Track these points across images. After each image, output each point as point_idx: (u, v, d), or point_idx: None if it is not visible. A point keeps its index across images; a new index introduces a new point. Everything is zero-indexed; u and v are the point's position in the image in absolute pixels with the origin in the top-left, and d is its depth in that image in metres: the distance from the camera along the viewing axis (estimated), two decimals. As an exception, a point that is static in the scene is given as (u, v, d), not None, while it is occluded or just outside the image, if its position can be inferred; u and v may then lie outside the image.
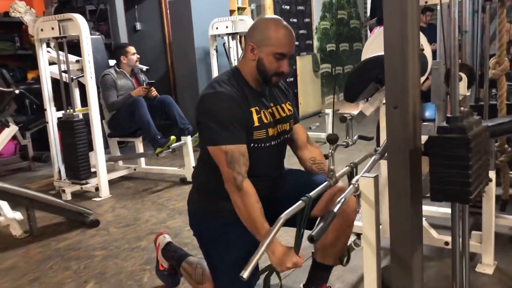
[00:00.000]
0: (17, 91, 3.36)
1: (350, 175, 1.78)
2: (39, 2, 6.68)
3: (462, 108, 1.39)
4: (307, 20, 7.74)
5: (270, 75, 1.74)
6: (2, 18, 6.11)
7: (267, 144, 1.76)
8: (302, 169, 1.97)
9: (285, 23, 1.77)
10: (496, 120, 2.13)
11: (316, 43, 8.05)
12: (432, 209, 2.70)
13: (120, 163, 4.50)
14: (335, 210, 1.50)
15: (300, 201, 1.49)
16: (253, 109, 1.73)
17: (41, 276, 2.46)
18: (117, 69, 4.20)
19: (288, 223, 1.70)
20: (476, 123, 1.41)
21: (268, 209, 1.83)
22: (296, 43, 7.45)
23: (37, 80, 5.94)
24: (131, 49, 4.25)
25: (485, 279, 2.14)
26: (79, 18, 3.62)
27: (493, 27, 2.84)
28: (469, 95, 1.42)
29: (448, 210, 1.59)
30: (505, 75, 2.57)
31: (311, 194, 1.53)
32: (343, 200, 1.55)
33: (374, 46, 2.56)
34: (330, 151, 1.68)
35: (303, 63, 7.53)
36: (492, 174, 2.21)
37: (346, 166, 1.80)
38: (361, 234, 1.69)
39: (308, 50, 7.77)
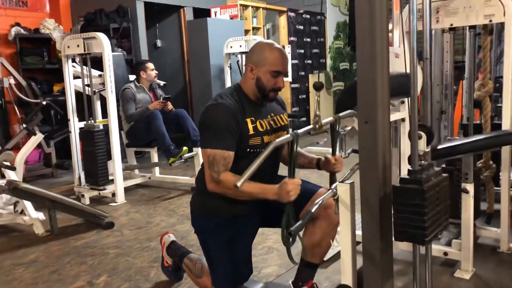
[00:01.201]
0: (44, 102, 3.69)
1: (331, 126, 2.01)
2: (67, 19, 7.10)
3: (422, 162, 1.60)
4: (320, 39, 8.00)
5: (268, 91, 2.00)
6: (32, 34, 6.54)
7: (262, 150, 1.99)
8: None
9: (278, 45, 2.04)
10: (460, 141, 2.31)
11: (329, 62, 8.29)
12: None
13: (136, 171, 4.79)
14: (313, 210, 1.73)
15: (289, 135, 1.77)
16: (248, 120, 1.98)
17: (59, 269, 2.73)
18: (137, 84, 4.51)
19: (269, 224, 1.94)
20: (435, 174, 1.62)
21: (260, 212, 2.08)
22: (309, 61, 7.73)
23: (62, 92, 6.33)
24: (150, 65, 4.56)
25: (461, 284, 2.32)
26: (102, 36, 3.94)
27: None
28: (429, 151, 1.64)
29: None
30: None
31: (299, 131, 1.80)
32: (320, 202, 1.78)
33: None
34: (316, 97, 1.94)
35: (315, 80, 7.77)
36: (470, 187, 2.41)
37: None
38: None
39: (321, 68, 8.02)
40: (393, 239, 1.66)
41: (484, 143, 2.27)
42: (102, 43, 3.90)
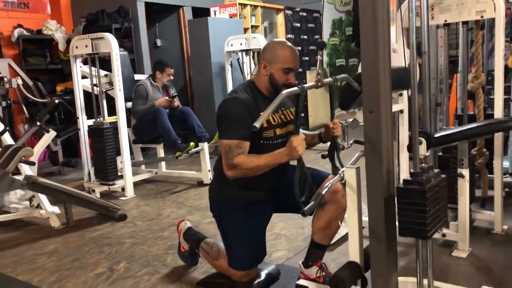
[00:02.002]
0: (56, 101, 3.83)
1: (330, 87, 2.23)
2: (68, 20, 7.23)
3: (423, 165, 1.76)
4: (317, 36, 8.16)
5: (280, 86, 2.16)
6: (35, 35, 6.66)
7: (275, 142, 2.16)
8: None
9: (289, 44, 2.21)
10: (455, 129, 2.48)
11: (325, 58, 8.45)
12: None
13: (143, 167, 4.94)
14: (323, 192, 1.90)
15: (296, 88, 1.97)
16: (262, 113, 2.13)
17: (79, 257, 2.88)
18: (153, 82, 4.65)
19: (282, 209, 2.09)
20: (435, 176, 1.79)
21: (274, 198, 2.24)
22: (306, 58, 7.89)
23: (66, 92, 6.48)
24: (169, 70, 4.69)
25: (459, 262, 2.50)
26: (110, 37, 4.09)
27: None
28: (429, 155, 1.83)
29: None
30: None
31: (305, 85, 2.00)
32: (330, 185, 1.94)
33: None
34: (318, 56, 2.11)
35: (313, 77, 7.93)
36: (465, 172, 2.58)
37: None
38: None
39: (318, 65, 8.18)
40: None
41: (477, 130, 2.45)
42: (110, 43, 4.04)
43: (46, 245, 3.12)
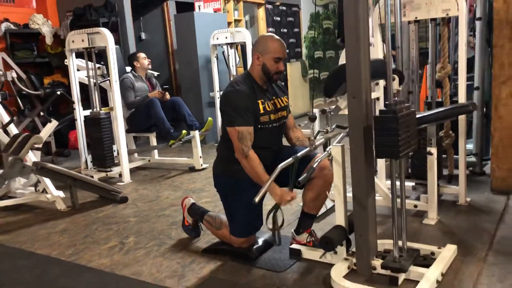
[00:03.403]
0: (58, 92, 4.06)
1: (325, 145, 2.52)
2: (54, 14, 7.37)
3: (395, 98, 2.12)
4: (296, 30, 8.51)
5: (272, 74, 2.50)
6: (22, 29, 6.79)
7: (270, 126, 2.50)
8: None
9: (278, 37, 2.55)
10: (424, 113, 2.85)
11: (304, 51, 8.82)
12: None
13: (136, 155, 5.20)
14: (314, 166, 2.25)
15: (291, 158, 2.24)
16: (259, 101, 2.47)
17: (90, 234, 3.17)
18: (135, 74, 4.93)
19: (281, 183, 2.43)
20: (406, 108, 2.15)
21: (270, 174, 2.57)
22: (286, 50, 8.23)
23: (53, 85, 6.69)
24: (142, 54, 5.01)
25: (428, 228, 2.88)
26: (106, 32, 4.33)
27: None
28: (401, 89, 2.16)
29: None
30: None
31: (298, 154, 2.28)
32: (319, 160, 2.29)
33: (347, 55, 3.30)
34: (311, 126, 2.43)
35: (293, 69, 8.31)
36: (434, 150, 2.96)
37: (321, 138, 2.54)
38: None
39: (297, 57, 8.54)
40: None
41: (443, 114, 2.84)
42: (107, 38, 4.29)
43: (56, 225, 3.39)
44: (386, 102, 2.12)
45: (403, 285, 2.17)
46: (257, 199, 2.14)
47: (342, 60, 3.41)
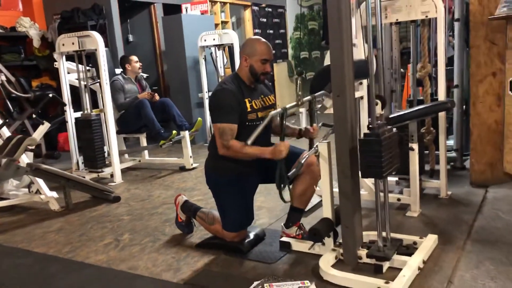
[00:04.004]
0: (50, 95, 4.13)
1: (311, 102, 2.64)
2: (41, 17, 7.40)
3: (379, 121, 2.25)
4: (282, 31, 8.65)
5: (259, 75, 2.62)
6: (9, 32, 6.82)
7: (258, 123, 2.61)
8: None
9: (264, 40, 2.67)
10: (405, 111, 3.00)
11: (290, 52, 8.96)
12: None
13: (126, 156, 5.28)
14: (302, 161, 2.37)
15: (279, 109, 2.43)
16: (246, 100, 2.59)
17: (85, 232, 3.25)
18: (124, 76, 5.02)
19: (267, 180, 2.53)
20: (388, 130, 2.27)
21: (260, 171, 2.69)
22: (273, 51, 8.36)
23: (41, 87, 6.73)
24: (134, 58, 5.09)
25: (411, 220, 3.02)
26: (96, 35, 4.41)
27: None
28: (384, 113, 2.32)
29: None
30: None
31: (287, 106, 2.46)
32: (307, 156, 2.41)
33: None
34: (298, 80, 2.56)
35: (279, 69, 8.44)
36: (415, 146, 3.10)
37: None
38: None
39: (284, 57, 8.67)
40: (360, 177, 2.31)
41: (424, 111, 2.99)
42: (97, 41, 4.36)
43: (51, 224, 3.46)
44: (370, 126, 2.25)
45: (387, 272, 2.30)
46: (249, 141, 2.33)
47: (327, 61, 3.54)
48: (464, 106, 4.09)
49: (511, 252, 2.43)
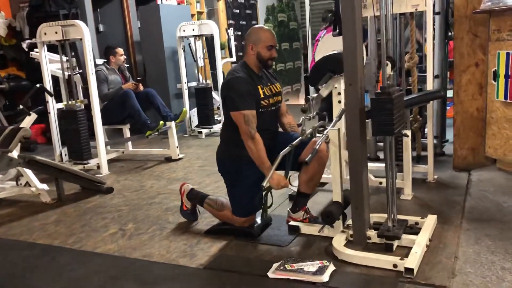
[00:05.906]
0: (38, 85, 4.02)
1: (311, 134, 2.73)
2: (5, 5, 7.11)
3: (388, 82, 2.38)
4: (254, 22, 8.70)
5: (266, 60, 2.69)
6: (-27, 21, 6.53)
7: (269, 109, 2.69)
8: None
9: (267, 27, 2.75)
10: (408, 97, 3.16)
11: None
12: (373, 165, 3.72)
13: (108, 147, 5.21)
14: (317, 147, 2.47)
15: (288, 147, 2.49)
16: (259, 87, 2.66)
17: (87, 223, 3.23)
18: (108, 66, 4.94)
19: (278, 167, 2.62)
20: (396, 91, 2.41)
21: (269, 156, 2.76)
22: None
23: (8, 78, 6.53)
24: (120, 50, 5.02)
25: (405, 203, 3.20)
26: (81, 24, 4.32)
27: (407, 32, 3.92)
28: (393, 74, 2.43)
29: (381, 164, 2.58)
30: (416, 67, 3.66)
31: (293, 143, 2.53)
32: (320, 142, 2.51)
33: (326, 46, 3.55)
34: (302, 118, 2.65)
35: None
36: (408, 132, 3.27)
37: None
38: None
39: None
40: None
41: (421, 98, 3.16)
42: (82, 30, 4.28)
43: (48, 217, 3.41)
44: (381, 86, 2.37)
45: (396, 250, 2.45)
46: (265, 183, 2.38)
47: (319, 53, 3.65)
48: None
49: (504, 229, 2.64)
